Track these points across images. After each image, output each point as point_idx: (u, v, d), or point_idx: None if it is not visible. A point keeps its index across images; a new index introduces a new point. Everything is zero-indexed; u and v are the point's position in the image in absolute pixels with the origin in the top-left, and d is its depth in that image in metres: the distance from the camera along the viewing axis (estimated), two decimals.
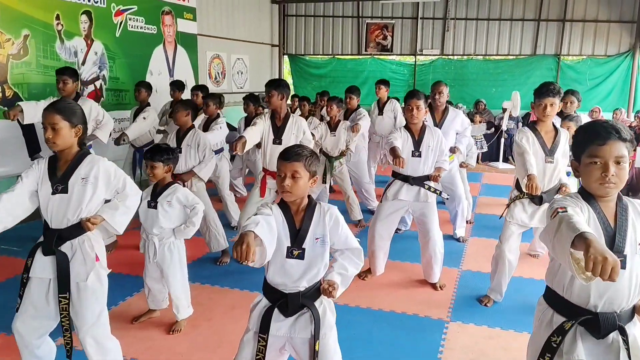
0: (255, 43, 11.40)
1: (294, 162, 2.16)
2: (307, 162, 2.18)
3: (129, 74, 7.60)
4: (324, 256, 2.25)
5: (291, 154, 2.18)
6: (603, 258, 1.37)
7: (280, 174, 2.18)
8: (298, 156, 2.17)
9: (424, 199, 3.91)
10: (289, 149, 2.23)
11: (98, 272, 2.53)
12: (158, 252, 3.26)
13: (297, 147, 2.23)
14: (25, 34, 6.01)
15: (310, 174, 2.21)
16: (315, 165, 2.23)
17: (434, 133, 3.95)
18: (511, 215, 3.63)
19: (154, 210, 3.23)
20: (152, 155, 3.23)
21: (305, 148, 2.23)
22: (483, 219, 6.18)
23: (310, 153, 2.23)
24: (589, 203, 1.83)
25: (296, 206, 2.27)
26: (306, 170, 2.18)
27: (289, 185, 2.15)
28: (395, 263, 4.56)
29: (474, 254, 4.89)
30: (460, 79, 11.55)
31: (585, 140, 1.82)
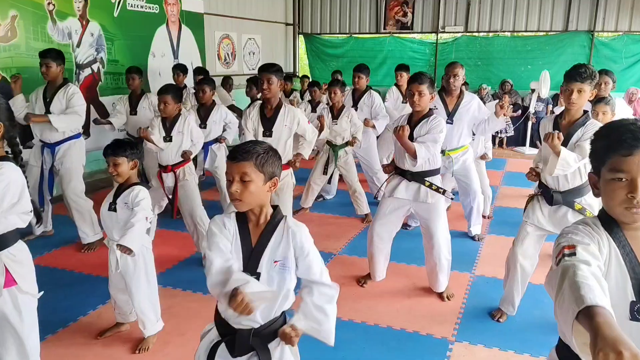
0: (268, 22, 10.89)
1: (241, 163, 1.73)
2: (259, 161, 1.75)
3: (129, 56, 7.22)
4: (285, 285, 1.82)
5: (238, 152, 1.75)
6: (617, 354, 0.91)
7: (229, 177, 1.76)
8: (247, 154, 1.74)
9: (424, 198, 3.42)
10: (237, 147, 1.80)
11: (16, 298, 2.16)
12: (120, 261, 2.88)
13: (248, 143, 1.79)
14: (12, 15, 5.67)
15: (266, 176, 1.78)
16: (272, 164, 1.80)
17: (430, 121, 3.39)
18: (527, 214, 3.14)
19: (114, 213, 2.84)
20: (115, 150, 2.82)
21: (260, 144, 1.80)
22: (503, 213, 5.65)
23: (265, 150, 1.79)
24: (611, 233, 1.35)
25: (255, 218, 1.84)
26: (259, 172, 1.75)
27: (238, 191, 1.73)
28: (399, 266, 4.10)
29: (490, 256, 4.39)
30: (485, 57, 10.82)
31: (606, 148, 1.33)
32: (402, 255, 4.22)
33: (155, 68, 7.68)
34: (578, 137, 2.88)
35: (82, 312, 3.35)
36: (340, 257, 4.36)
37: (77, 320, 3.28)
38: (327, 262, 4.22)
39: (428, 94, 3.37)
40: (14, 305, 2.18)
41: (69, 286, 3.76)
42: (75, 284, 3.81)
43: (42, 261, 4.20)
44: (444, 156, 4.43)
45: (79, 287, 3.74)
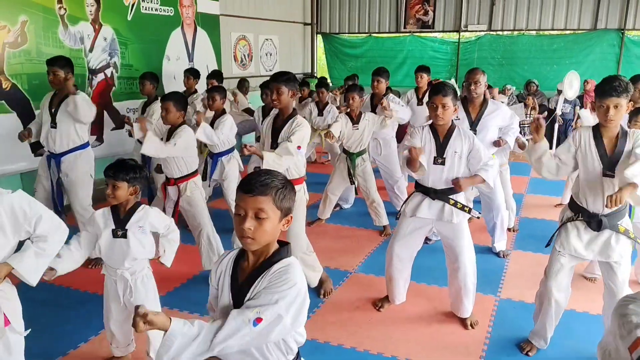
0: (286, 22, 10.68)
1: (259, 197, 1.53)
2: (278, 197, 1.56)
3: (143, 60, 7.08)
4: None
5: (255, 185, 1.54)
6: None
7: (240, 211, 1.55)
8: (265, 188, 1.54)
9: (448, 218, 3.18)
10: (251, 177, 1.59)
11: (7, 339, 1.99)
12: (132, 287, 2.70)
13: (265, 175, 1.58)
14: (22, 20, 5.55)
15: (283, 213, 1.58)
16: (289, 199, 1.60)
17: (464, 136, 3.18)
18: (561, 243, 2.85)
19: (123, 239, 2.65)
20: (115, 172, 2.64)
21: (277, 176, 1.59)
22: (529, 225, 5.35)
23: (283, 183, 1.58)
24: None
25: (256, 256, 1.64)
26: (276, 208, 1.55)
27: (251, 229, 1.52)
28: (419, 287, 3.87)
29: (517, 275, 4.12)
30: (509, 57, 10.45)
31: None
32: (422, 274, 3.98)
33: (170, 72, 7.54)
34: (628, 149, 2.61)
35: (83, 338, 3.20)
36: (357, 276, 4.13)
37: (78, 347, 3.13)
38: (342, 282, 4.01)
39: (452, 107, 3.13)
40: (5, 347, 2.02)
41: (73, 307, 3.62)
42: (79, 304, 3.66)
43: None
44: None
45: (83, 308, 3.59)
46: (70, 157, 4.26)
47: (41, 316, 3.45)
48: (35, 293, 3.80)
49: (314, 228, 5.20)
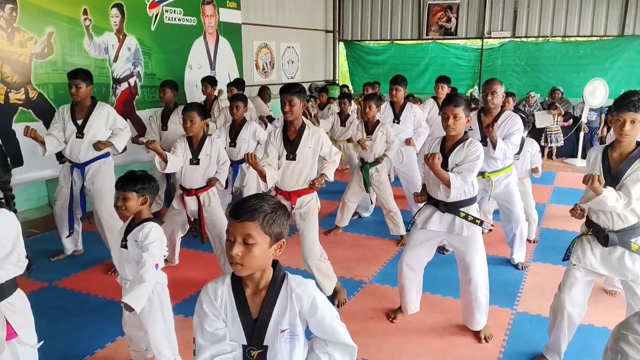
0: (308, 30, 10.75)
1: (245, 223, 1.56)
2: (266, 222, 1.57)
3: (165, 69, 7.20)
4: (295, 354, 1.64)
5: (243, 210, 1.57)
6: None
7: (229, 237, 1.59)
8: (252, 213, 1.56)
9: (458, 231, 3.15)
10: (241, 202, 1.61)
11: (16, 352, 2.04)
12: None
13: (254, 199, 1.60)
14: (49, 32, 5.72)
15: (272, 239, 1.60)
16: (280, 224, 1.61)
17: (466, 147, 3.12)
18: (577, 257, 2.80)
19: (125, 250, 2.70)
20: (124, 184, 2.69)
21: (267, 200, 1.60)
22: (551, 236, 5.26)
23: (273, 208, 1.60)
24: None
25: (254, 284, 1.67)
26: (264, 234, 1.57)
27: (239, 254, 1.55)
28: (434, 298, 3.83)
29: (535, 288, 4.05)
30: (534, 64, 10.30)
31: None
32: (437, 285, 3.95)
33: (192, 80, 7.65)
34: (631, 172, 2.56)
35: (100, 345, 3.25)
36: (371, 287, 4.12)
37: (94, 353, 3.18)
38: (356, 292, 4.00)
39: (464, 117, 3.11)
40: (13, 358, 2.07)
41: (91, 313, 3.69)
42: (97, 310, 3.73)
43: (69, 284, 4.16)
44: (484, 179, 4.13)
45: (100, 314, 3.65)
46: (94, 165, 4.37)
47: (60, 322, 3.53)
48: (55, 299, 3.92)
49: (331, 237, 5.21)
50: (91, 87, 4.31)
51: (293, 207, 3.57)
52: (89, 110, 4.29)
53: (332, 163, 3.65)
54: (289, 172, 3.54)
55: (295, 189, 3.55)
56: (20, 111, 5.53)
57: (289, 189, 3.56)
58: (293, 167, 3.52)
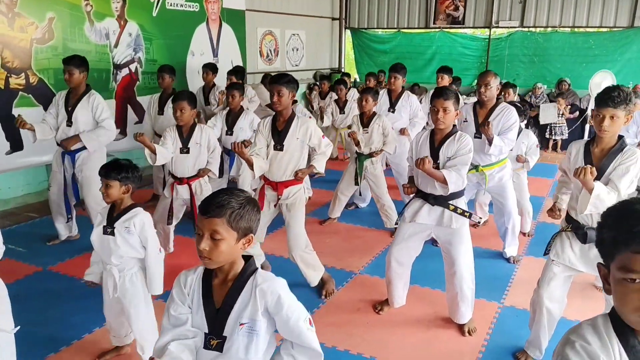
0: (314, 17, 10.68)
1: (212, 219, 1.58)
2: (233, 218, 1.59)
3: (167, 55, 7.20)
4: (252, 350, 1.66)
5: (210, 206, 1.59)
6: None
7: (198, 231, 1.62)
8: (220, 209, 1.58)
9: (447, 223, 3.15)
10: (210, 198, 1.63)
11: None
12: (119, 285, 2.78)
13: (223, 193, 1.62)
14: (50, 17, 5.73)
15: (240, 234, 1.62)
16: (248, 219, 1.63)
17: (457, 140, 3.11)
18: (556, 252, 2.80)
19: (111, 237, 2.73)
20: (107, 172, 2.71)
21: (237, 196, 1.63)
22: (546, 230, 5.21)
23: (241, 204, 1.62)
24: (622, 339, 1.09)
25: (223, 275, 1.70)
26: (232, 229, 1.60)
27: (206, 249, 1.58)
28: (422, 291, 3.85)
29: (524, 282, 4.04)
30: (541, 54, 10.17)
31: (613, 241, 1.06)
32: (426, 277, 3.96)
33: (194, 67, 7.65)
34: (614, 167, 2.53)
35: (88, 329, 3.31)
36: (361, 277, 4.13)
37: (82, 338, 3.24)
38: (346, 282, 4.02)
39: (453, 111, 3.10)
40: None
41: (82, 297, 3.73)
42: (88, 296, 3.74)
43: (62, 268, 4.22)
44: (477, 172, 4.11)
45: (91, 299, 3.65)
46: (84, 153, 4.39)
47: (51, 306, 3.60)
48: (48, 284, 3.98)
49: (325, 227, 5.22)
50: (85, 74, 4.31)
51: (279, 197, 3.58)
52: (80, 98, 4.30)
53: (321, 155, 3.65)
54: (276, 162, 3.55)
55: (283, 179, 3.56)
56: (20, 96, 5.57)
57: (276, 180, 3.57)
58: (280, 157, 3.52)
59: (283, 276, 1.73)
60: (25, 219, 5.34)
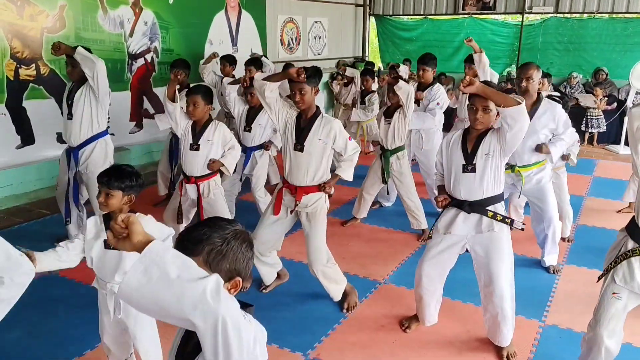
0: (337, 3, 10.29)
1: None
2: (212, 257, 1.30)
3: (184, 44, 6.95)
4: None
5: (187, 240, 1.32)
6: None
7: None
8: (196, 245, 1.31)
9: (487, 228, 2.82)
10: (186, 231, 1.34)
11: None
12: (122, 304, 2.51)
13: (204, 225, 1.33)
14: (61, 5, 5.51)
15: (227, 275, 1.31)
16: (233, 260, 1.34)
17: (493, 135, 2.78)
18: (622, 276, 2.33)
19: (115, 251, 2.45)
20: (109, 180, 2.43)
21: (222, 228, 1.33)
22: (587, 234, 4.83)
23: (225, 239, 1.32)
24: None
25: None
26: (210, 271, 1.28)
27: None
28: (452, 304, 3.51)
29: (568, 296, 3.68)
30: (577, 42, 9.63)
31: None
32: (456, 288, 3.60)
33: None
34: None
35: (90, 345, 3.06)
36: (386, 288, 3.81)
37: (83, 355, 3.00)
38: (369, 294, 3.70)
39: (494, 110, 2.74)
40: None
41: (87, 306, 3.44)
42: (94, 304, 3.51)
43: (69, 272, 3.95)
44: (513, 173, 3.75)
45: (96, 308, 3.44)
46: (88, 147, 4.10)
47: (54, 316, 3.38)
48: (53, 289, 3.76)
49: (348, 229, 4.90)
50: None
51: (297, 203, 3.27)
52: (77, 88, 4.03)
53: (348, 161, 3.30)
54: (295, 163, 3.23)
55: (303, 184, 3.24)
56: (31, 87, 5.37)
57: (296, 184, 3.26)
58: (300, 158, 3.21)
59: (302, 285, 1.46)
60: (36, 215, 5.15)
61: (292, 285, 3.72)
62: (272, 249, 3.49)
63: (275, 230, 3.39)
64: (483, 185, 2.77)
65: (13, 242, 2.14)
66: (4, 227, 4.82)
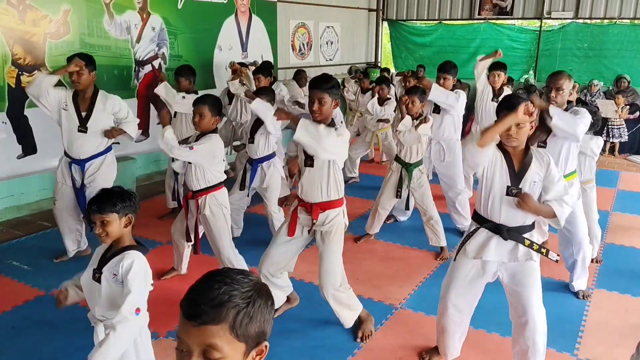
0: (349, 8, 10.06)
1: (206, 327, 1.03)
2: (239, 323, 1.04)
3: (193, 50, 6.75)
4: None
5: (203, 305, 1.05)
6: None
7: (180, 346, 1.07)
8: (218, 310, 1.04)
9: (524, 257, 2.58)
10: (197, 290, 1.08)
11: None
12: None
13: (218, 281, 1.08)
14: (65, 9, 5.33)
15: (249, 345, 1.08)
16: (260, 321, 1.08)
17: (541, 160, 2.56)
18: None
19: (97, 284, 2.23)
20: (101, 205, 2.20)
21: (241, 283, 1.08)
22: (616, 254, 4.53)
23: (249, 297, 1.07)
24: None
25: None
26: (237, 340, 1.05)
27: None
28: (476, 334, 3.23)
29: (600, 325, 3.40)
30: (598, 48, 9.31)
31: None
32: (479, 316, 3.26)
33: (221, 62, 7.18)
34: None
35: None
36: (403, 313, 3.55)
37: None
38: (384, 320, 3.45)
39: (528, 125, 2.51)
40: None
41: (83, 332, 3.18)
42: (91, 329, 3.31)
43: None
44: None
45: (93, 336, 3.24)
46: (96, 161, 3.96)
47: (47, 344, 3.15)
48: (47, 312, 3.52)
49: (361, 245, 4.65)
50: (94, 74, 3.85)
51: (314, 222, 3.03)
52: (92, 100, 3.85)
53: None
54: (308, 179, 3.00)
55: (318, 200, 3.00)
56: None
57: (311, 200, 3.02)
58: (312, 174, 2.97)
59: (314, 309, 1.27)
60: (36, 228, 4.95)
61: (302, 309, 3.47)
62: (284, 270, 3.25)
63: (289, 249, 3.16)
64: (527, 212, 2.53)
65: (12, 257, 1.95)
66: (4, 241, 4.62)
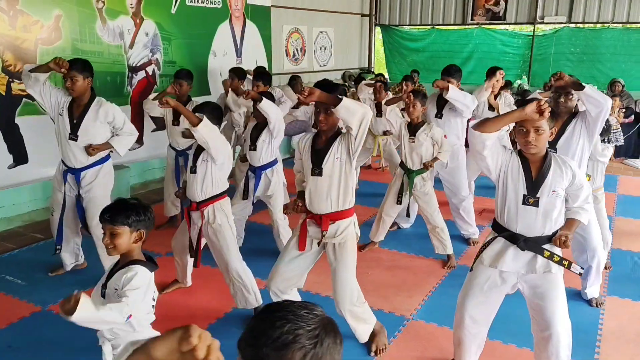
0: (342, 13, 10.01)
1: None
2: None
3: (187, 56, 6.62)
4: None
5: (265, 347, 0.98)
6: None
7: None
8: (283, 352, 0.97)
9: (543, 269, 2.48)
10: (256, 328, 1.02)
11: None
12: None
13: (283, 319, 1.00)
14: (57, 15, 5.17)
15: None
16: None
17: (564, 167, 2.47)
18: None
19: (103, 299, 2.11)
20: (113, 215, 2.09)
21: (304, 320, 1.02)
22: (624, 260, 4.47)
23: (315, 335, 1.02)
24: None
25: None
26: None
27: None
28: (492, 345, 3.12)
29: (617, 334, 3.32)
30: (591, 53, 9.37)
31: None
32: (495, 326, 3.15)
33: (216, 68, 7.05)
34: None
35: None
36: (415, 325, 3.44)
37: None
38: (397, 332, 3.33)
39: (547, 130, 2.43)
40: None
41: (81, 351, 3.06)
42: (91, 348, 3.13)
43: None
44: None
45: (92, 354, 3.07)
46: (91, 171, 3.79)
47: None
48: (44, 330, 3.35)
49: (367, 254, 4.53)
50: (90, 80, 3.69)
51: (324, 234, 2.91)
52: (86, 108, 3.70)
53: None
54: (316, 190, 2.88)
55: (327, 211, 2.89)
56: (24, 103, 5.02)
57: (319, 212, 2.90)
58: (320, 184, 2.85)
59: None
60: (29, 241, 4.77)
61: None
62: (295, 286, 3.12)
63: (300, 265, 3.03)
64: (546, 222, 2.44)
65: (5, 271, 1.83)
66: None
